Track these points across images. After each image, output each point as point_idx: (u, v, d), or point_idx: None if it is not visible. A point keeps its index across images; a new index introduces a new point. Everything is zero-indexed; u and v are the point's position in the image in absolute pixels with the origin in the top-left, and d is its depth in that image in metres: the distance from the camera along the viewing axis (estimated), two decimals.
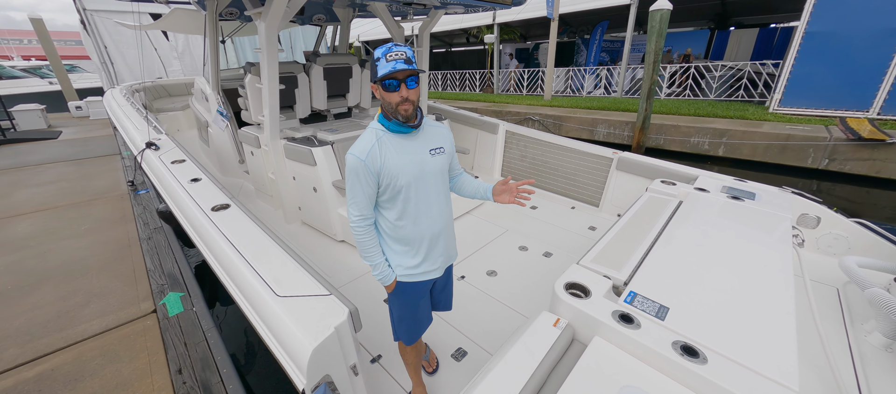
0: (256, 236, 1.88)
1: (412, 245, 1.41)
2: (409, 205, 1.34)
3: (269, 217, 3.70)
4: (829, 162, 5.21)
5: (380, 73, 1.16)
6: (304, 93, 3.61)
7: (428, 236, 1.40)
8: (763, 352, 1.12)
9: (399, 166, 1.27)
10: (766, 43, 11.98)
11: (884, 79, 5.74)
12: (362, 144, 1.27)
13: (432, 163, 1.35)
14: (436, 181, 1.38)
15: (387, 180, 1.28)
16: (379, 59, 1.17)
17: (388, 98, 1.20)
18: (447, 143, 1.42)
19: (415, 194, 1.33)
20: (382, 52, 1.17)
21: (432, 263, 1.46)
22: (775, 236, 1.85)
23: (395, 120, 1.25)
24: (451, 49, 20.59)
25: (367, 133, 1.30)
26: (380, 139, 1.27)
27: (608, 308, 1.29)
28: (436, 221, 1.41)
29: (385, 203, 1.35)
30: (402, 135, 1.30)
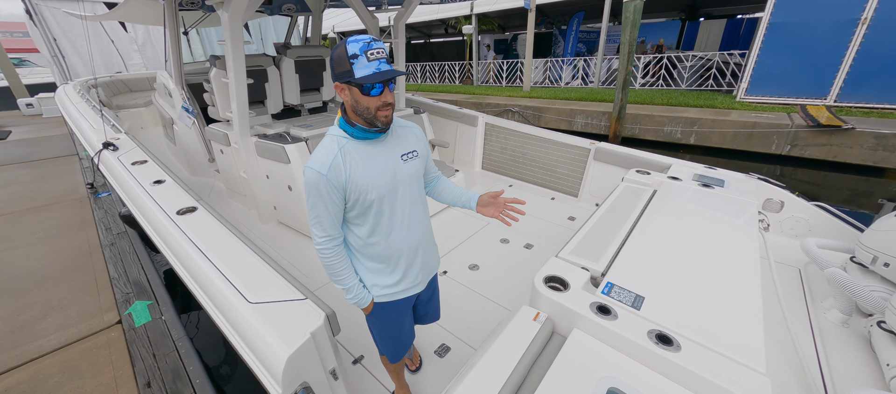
0: (226, 240, 1.80)
1: (388, 262, 1.27)
2: (382, 219, 1.19)
3: (243, 218, 3.56)
4: (791, 148, 5.48)
5: (360, 74, 1.00)
6: (275, 87, 3.46)
7: (405, 251, 1.27)
8: (732, 337, 1.16)
9: (368, 178, 1.12)
10: (733, 33, 12.42)
11: (840, 67, 6.06)
12: (322, 154, 1.09)
13: (405, 170, 1.20)
14: (410, 190, 1.23)
15: (355, 195, 1.12)
16: (355, 57, 0.99)
17: (366, 102, 1.04)
18: (420, 144, 1.28)
19: (388, 207, 1.18)
20: (360, 47, 0.99)
21: (413, 279, 1.34)
22: (742, 222, 1.92)
23: (361, 126, 1.10)
24: (430, 40, 20.33)
25: (326, 142, 1.12)
26: (343, 148, 1.10)
27: (586, 300, 1.31)
28: (413, 234, 1.27)
29: (354, 219, 1.19)
30: (369, 141, 1.14)
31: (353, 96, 1.05)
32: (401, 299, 1.35)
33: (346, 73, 1.02)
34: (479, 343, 2.03)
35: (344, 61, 1.01)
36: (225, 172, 3.74)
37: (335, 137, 1.12)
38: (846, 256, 2.26)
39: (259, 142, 3.09)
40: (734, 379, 1.02)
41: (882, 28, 5.62)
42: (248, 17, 5.44)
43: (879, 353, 1.68)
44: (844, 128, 5.06)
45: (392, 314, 1.37)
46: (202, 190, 4.19)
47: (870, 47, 5.76)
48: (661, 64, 9.50)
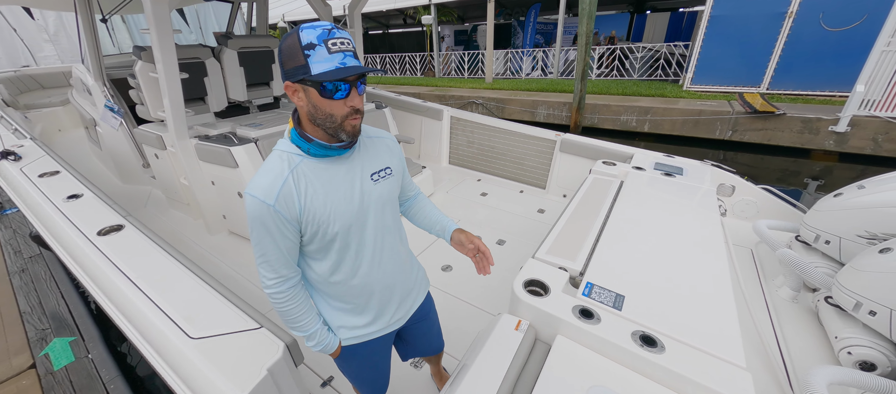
0: (161, 263, 1.54)
1: (356, 302, 1.05)
2: (347, 254, 0.96)
3: (187, 229, 3.19)
4: (733, 133, 5.92)
5: (318, 70, 0.75)
6: (216, 82, 3.10)
7: (378, 290, 1.05)
8: (710, 331, 1.18)
9: (329, 208, 0.88)
10: (677, 26, 13.23)
11: (771, 57, 6.62)
12: (268, 178, 0.83)
13: (376, 192, 0.96)
14: (382, 216, 1.00)
15: (313, 228, 0.88)
16: (312, 47, 0.74)
17: (329, 108, 0.80)
18: (395, 159, 1.04)
19: (355, 240, 0.95)
20: (317, 35, 0.75)
21: (389, 318, 1.13)
22: (705, 210, 1.98)
23: (319, 140, 0.85)
24: (389, 30, 19.76)
25: (272, 161, 0.86)
26: (296, 169, 0.85)
27: (568, 304, 1.27)
28: (385, 268, 1.05)
29: (313, 253, 0.96)
30: (330, 159, 0.89)
31: (309, 100, 0.80)
32: (376, 339, 1.14)
33: (300, 69, 0.76)
34: (458, 350, 1.95)
35: (296, 54, 0.76)
36: (162, 179, 3.33)
37: (285, 155, 0.86)
38: (792, 235, 2.43)
39: (200, 144, 2.75)
40: (717, 377, 1.03)
41: (805, 21, 6.19)
42: (178, 2, 4.88)
43: (827, 326, 1.81)
44: (777, 113, 5.53)
45: (366, 356, 1.15)
46: (137, 201, 3.72)
47: (795, 39, 6.33)
48: (615, 55, 9.89)
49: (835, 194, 2.18)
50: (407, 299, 1.18)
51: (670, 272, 1.46)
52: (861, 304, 1.62)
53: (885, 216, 1.91)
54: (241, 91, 3.31)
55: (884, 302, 1.56)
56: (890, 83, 4.85)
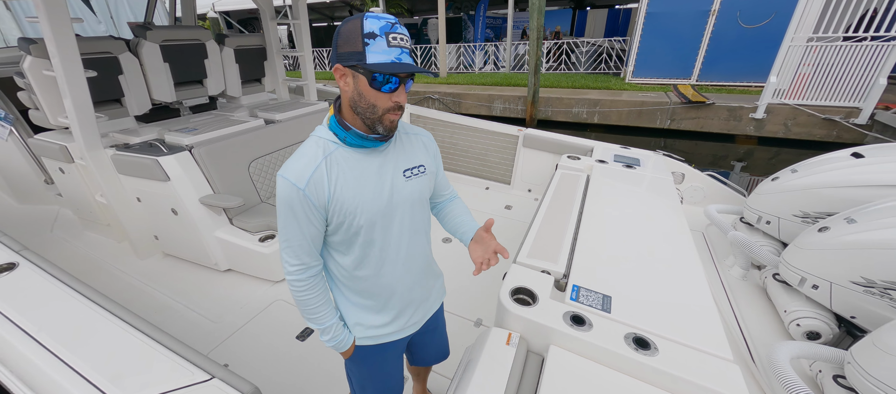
0: (71, 309, 1.25)
1: (377, 299, 1.02)
2: (372, 250, 0.93)
3: (109, 256, 2.73)
4: (671, 122, 6.42)
5: (373, 60, 0.74)
6: (135, 80, 2.66)
7: (399, 290, 1.02)
8: (694, 325, 1.20)
9: (357, 199, 0.86)
10: (614, 22, 14.16)
11: (699, 51, 7.26)
12: (302, 162, 0.83)
13: (407, 190, 0.93)
14: (411, 216, 0.96)
15: (339, 218, 0.87)
16: (372, 37, 0.74)
17: (373, 99, 0.79)
18: (430, 158, 1.01)
19: (380, 237, 0.92)
20: (380, 27, 0.74)
21: (406, 320, 1.09)
22: (668, 201, 2.07)
23: (357, 130, 0.84)
24: (334, 23, 18.85)
25: (309, 146, 0.86)
26: (330, 156, 0.85)
27: (558, 311, 1.23)
28: (410, 269, 1.02)
29: (337, 245, 0.94)
30: (365, 150, 0.88)
31: (356, 87, 0.80)
32: (390, 342, 1.09)
33: (355, 55, 0.76)
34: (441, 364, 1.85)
35: (355, 39, 0.75)
36: (72, 198, 2.82)
37: (321, 142, 0.86)
38: (736, 217, 2.64)
39: (119, 155, 2.34)
40: (709, 374, 1.04)
41: (726, 19, 6.87)
42: None
43: (776, 300, 1.97)
44: (707, 103, 6.07)
45: (378, 360, 1.11)
46: (40, 224, 3.12)
47: (718, 34, 7.01)
48: (561, 50, 10.29)
49: (773, 178, 2.39)
50: (424, 304, 1.14)
51: (648, 267, 1.49)
52: (805, 279, 1.77)
53: (816, 197, 2.12)
54: (168, 91, 2.87)
55: (824, 276, 1.71)
56: (794, 74, 5.54)
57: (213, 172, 2.41)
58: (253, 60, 3.53)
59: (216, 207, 2.35)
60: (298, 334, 2.01)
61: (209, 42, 3.06)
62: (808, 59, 5.36)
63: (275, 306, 2.21)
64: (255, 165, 2.66)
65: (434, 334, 1.28)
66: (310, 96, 3.82)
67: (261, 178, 2.68)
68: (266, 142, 2.76)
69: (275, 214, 2.40)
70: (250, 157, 2.64)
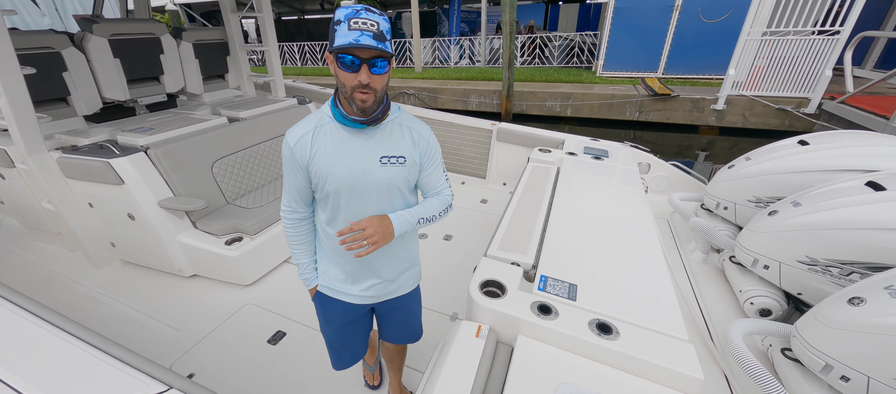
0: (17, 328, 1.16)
1: (339, 257, 1.16)
2: (339, 215, 1.08)
3: (62, 265, 2.56)
4: (640, 114, 6.64)
5: (336, 43, 0.86)
6: (82, 77, 2.48)
7: (362, 261, 1.15)
8: (654, 309, 1.26)
9: (330, 169, 1.00)
10: (586, 16, 14.43)
11: (664, 45, 7.54)
12: (299, 127, 1.02)
13: (379, 174, 1.03)
14: (379, 197, 1.07)
15: (316, 180, 1.04)
16: (339, 23, 0.86)
17: (342, 78, 0.91)
18: (416, 151, 1.08)
19: (345, 205, 1.06)
20: (346, 14, 0.86)
21: (363, 288, 1.20)
22: (633, 191, 2.14)
23: (343, 110, 0.98)
24: (305, 16, 18.26)
25: (311, 115, 1.05)
26: (319, 128, 1.01)
27: (525, 302, 1.26)
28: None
29: (319, 200, 1.12)
30: (350, 129, 1.01)
31: (334, 68, 0.93)
32: (343, 302, 1.23)
33: (331, 42, 0.89)
34: (416, 359, 1.85)
35: (332, 27, 0.89)
36: (15, 205, 2.61)
37: (319, 114, 1.04)
38: (698, 204, 2.77)
39: (65, 158, 2.19)
40: (666, 354, 1.08)
41: (688, 14, 7.15)
42: None
43: (732, 281, 2.09)
44: (672, 95, 6.32)
45: (333, 312, 1.25)
46: None
47: (682, 29, 7.29)
48: (535, 44, 10.41)
49: (729, 166, 2.52)
50: (389, 285, 1.24)
51: (613, 255, 1.53)
52: (757, 260, 1.89)
53: (767, 182, 2.25)
54: (120, 88, 2.70)
55: (774, 257, 1.82)
56: (751, 67, 5.85)
57: (172, 173, 2.29)
58: (214, 56, 3.37)
59: (178, 211, 2.24)
60: (270, 338, 1.96)
61: (164, 36, 2.89)
62: (763, 53, 5.67)
63: (245, 311, 2.15)
64: (220, 165, 2.56)
65: (400, 313, 1.34)
66: (277, 93, 3.69)
67: (226, 178, 2.58)
68: (230, 141, 2.65)
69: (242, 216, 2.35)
70: (213, 157, 2.53)
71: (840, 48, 5.20)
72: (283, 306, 2.17)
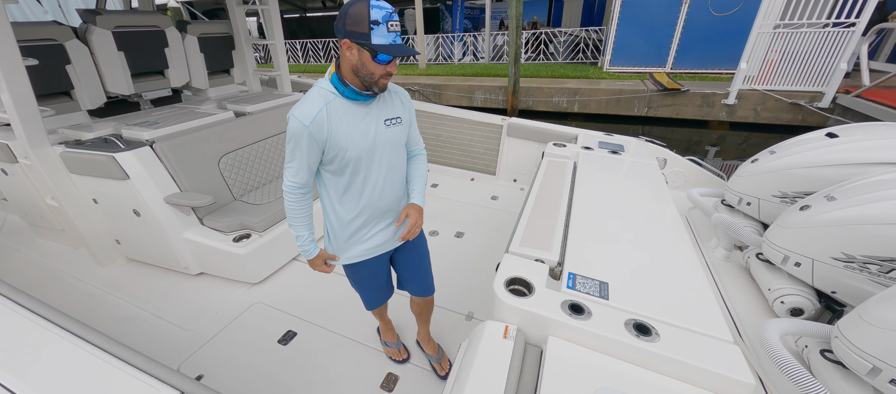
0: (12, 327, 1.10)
1: (359, 219, 1.29)
2: (357, 178, 1.22)
3: (66, 263, 2.51)
4: (649, 109, 6.54)
5: (377, 41, 1.00)
6: (85, 70, 2.42)
7: (378, 211, 1.30)
8: (692, 308, 1.19)
9: (348, 138, 1.13)
10: (590, 11, 14.27)
11: (673, 39, 7.42)
12: (307, 106, 1.09)
13: (386, 135, 1.21)
14: (390, 155, 1.25)
15: (334, 152, 1.14)
16: (376, 23, 0.99)
17: (372, 68, 1.05)
18: (405, 111, 1.28)
19: (364, 168, 1.21)
20: (382, 15, 0.99)
21: (380, 240, 1.36)
22: (656, 186, 2.06)
23: (354, 87, 1.10)
24: (306, 14, 18.17)
25: (313, 94, 1.12)
26: (329, 104, 1.10)
27: (555, 301, 1.19)
28: (385, 198, 1.30)
29: (330, 173, 1.22)
30: (357, 102, 1.15)
31: (360, 58, 1.04)
32: (370, 259, 1.38)
33: (362, 35, 1.00)
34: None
35: (363, 22, 0.99)
36: (18, 201, 2.56)
37: (323, 92, 1.12)
38: (717, 200, 2.69)
39: (69, 153, 2.13)
40: (711, 357, 1.02)
41: (697, 7, 7.03)
42: None
43: (759, 279, 2.01)
44: (682, 90, 6.22)
45: (365, 273, 1.43)
46: None
47: (691, 23, 7.17)
48: (539, 40, 10.30)
49: (752, 160, 2.43)
50: (397, 232, 1.39)
51: (641, 251, 1.47)
52: (788, 257, 1.81)
53: (793, 177, 2.17)
54: (124, 82, 2.64)
55: (806, 253, 1.74)
56: (763, 61, 5.74)
57: (178, 168, 2.23)
58: (220, 50, 3.30)
59: (184, 207, 2.18)
60: (280, 338, 1.90)
61: (169, 29, 2.83)
62: (776, 46, 5.56)
63: (254, 310, 2.09)
64: (226, 160, 2.49)
65: (414, 254, 1.50)
66: (283, 88, 3.63)
67: (233, 174, 2.52)
68: (237, 135, 2.59)
69: (250, 213, 2.29)
70: (220, 151, 2.47)
71: (855, 41, 5.09)
72: (292, 305, 2.11)
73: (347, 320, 2.03)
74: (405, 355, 1.79)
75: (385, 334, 1.80)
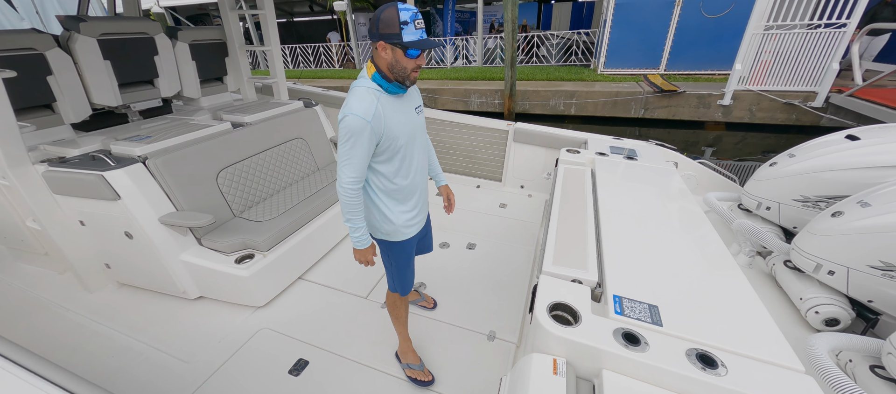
0: None
1: (407, 198, 1.44)
2: (405, 162, 1.36)
3: (50, 289, 2.32)
4: (645, 111, 6.56)
5: (408, 39, 1.15)
6: (69, 81, 2.25)
7: (417, 190, 1.46)
8: (753, 333, 1.10)
9: (398, 128, 1.28)
10: (579, 15, 14.40)
11: (666, 41, 7.48)
12: (364, 103, 1.20)
13: (418, 121, 1.39)
14: (421, 138, 1.43)
15: (387, 141, 1.27)
16: (406, 23, 1.14)
17: (405, 63, 1.19)
18: (420, 99, 1.45)
19: (408, 152, 1.36)
20: (410, 16, 1.14)
21: (419, 214, 1.51)
22: (680, 194, 1.99)
23: (395, 82, 1.24)
24: (293, 19, 17.91)
25: (362, 93, 1.22)
26: (379, 100, 1.23)
27: (605, 329, 1.09)
28: (421, 176, 1.46)
29: (381, 162, 1.33)
30: (398, 95, 1.29)
31: (394, 56, 1.18)
32: (413, 236, 1.51)
33: (394, 36, 1.14)
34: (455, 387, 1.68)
35: (394, 24, 1.13)
36: None
37: (370, 90, 1.22)
38: (734, 203, 2.65)
39: (52, 171, 1.96)
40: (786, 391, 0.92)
41: (689, 9, 7.10)
42: None
43: (788, 288, 1.95)
44: (678, 92, 6.25)
45: (410, 249, 1.54)
46: None
47: (683, 25, 7.24)
48: (531, 43, 10.30)
49: (770, 164, 2.39)
50: (426, 205, 1.58)
51: (683, 267, 1.38)
52: (821, 265, 1.75)
53: (816, 180, 2.13)
54: (111, 93, 2.47)
55: (841, 261, 1.69)
56: (755, 62, 5.80)
57: (173, 185, 2.08)
58: (212, 57, 3.14)
59: (176, 226, 2.02)
60: (291, 368, 1.76)
61: (159, 36, 2.66)
62: (768, 47, 5.62)
63: (260, 337, 1.94)
64: (225, 174, 2.34)
65: (427, 231, 1.70)
66: (280, 96, 3.48)
67: (233, 189, 2.36)
68: (236, 148, 2.44)
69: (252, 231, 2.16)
70: (218, 166, 2.32)
71: (846, 41, 5.18)
72: (303, 330, 1.97)
73: (361, 343, 1.90)
74: (431, 377, 1.70)
75: (406, 356, 1.74)
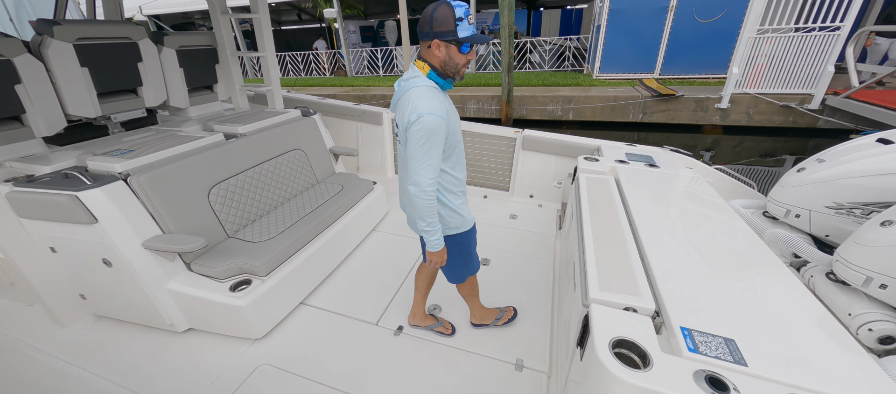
0: None
1: (463, 189, 1.48)
2: (460, 155, 1.41)
3: (16, 324, 2.07)
4: (643, 115, 6.54)
5: (463, 34, 1.19)
6: (41, 90, 2.02)
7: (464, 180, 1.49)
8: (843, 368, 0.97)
9: (454, 121, 1.33)
10: (568, 21, 14.58)
11: (660, 46, 7.51)
12: (435, 102, 1.23)
13: (457, 114, 1.41)
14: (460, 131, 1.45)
15: (452, 137, 1.31)
16: (461, 20, 1.18)
17: (458, 59, 1.24)
18: None
19: (460, 144, 1.39)
20: (464, 11, 1.18)
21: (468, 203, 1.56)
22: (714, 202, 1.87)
23: (449, 77, 1.29)
24: (282, 27, 17.67)
25: (427, 92, 1.25)
26: (442, 96, 1.29)
27: (683, 372, 0.94)
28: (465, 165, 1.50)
29: (445, 158, 1.34)
30: (446, 91, 1.34)
31: (448, 53, 1.24)
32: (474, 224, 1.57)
33: (450, 33, 1.19)
34: None
35: (450, 21, 1.18)
36: None
37: (431, 87, 1.27)
38: (759, 210, 2.54)
39: (18, 192, 1.72)
40: None
41: (683, 14, 7.16)
42: None
43: (832, 302, 1.82)
44: (676, 96, 6.24)
45: (474, 231, 1.59)
46: None
47: (677, 29, 7.29)
48: (524, 49, 10.30)
49: (798, 169, 2.29)
50: None
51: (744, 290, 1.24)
52: (871, 278, 1.63)
53: (849, 186, 2.02)
54: (89, 103, 2.24)
55: (893, 274, 1.57)
56: (749, 66, 5.84)
57: (159, 205, 1.85)
58: (201, 63, 2.92)
59: (159, 250, 1.80)
60: None
61: (143, 41, 2.45)
62: (764, 50, 5.66)
63: (260, 374, 1.72)
64: (217, 190, 2.13)
65: None
66: (275, 105, 3.27)
67: (226, 207, 2.15)
68: (229, 161, 2.23)
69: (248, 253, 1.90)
70: (210, 182, 2.10)
71: (840, 44, 5.23)
72: (307, 365, 1.76)
73: (374, 378, 1.70)
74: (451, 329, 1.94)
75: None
